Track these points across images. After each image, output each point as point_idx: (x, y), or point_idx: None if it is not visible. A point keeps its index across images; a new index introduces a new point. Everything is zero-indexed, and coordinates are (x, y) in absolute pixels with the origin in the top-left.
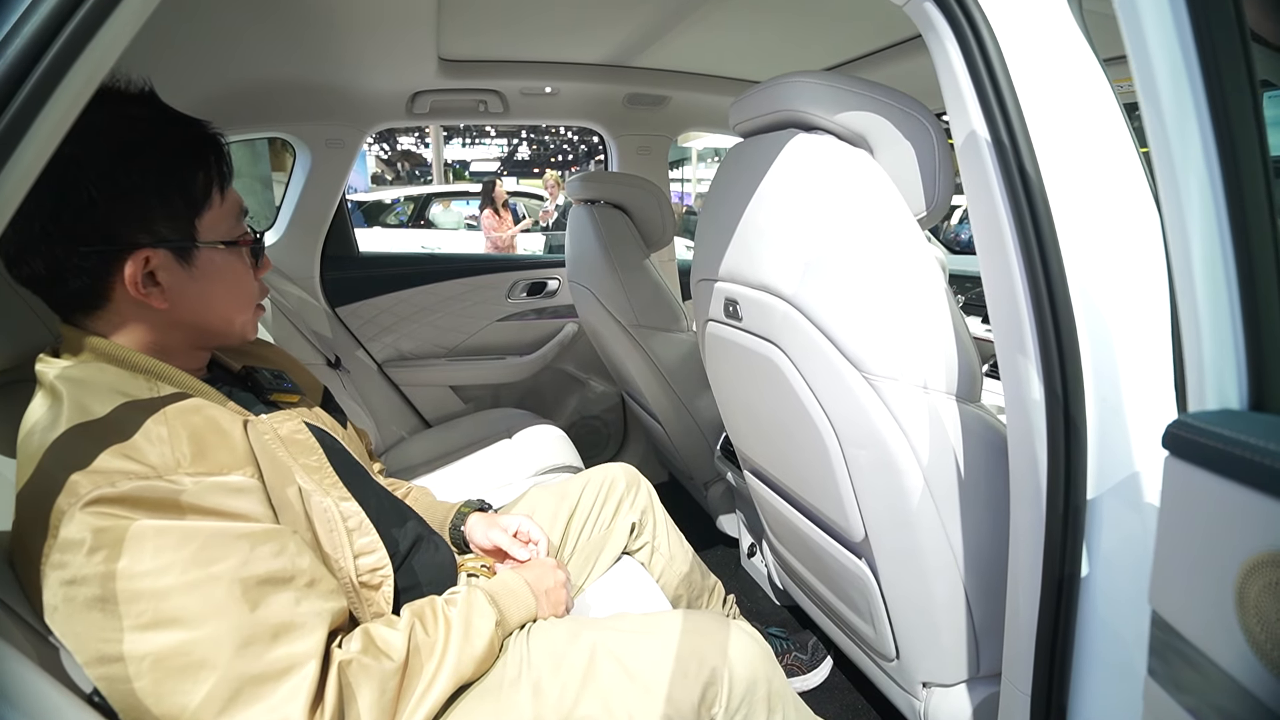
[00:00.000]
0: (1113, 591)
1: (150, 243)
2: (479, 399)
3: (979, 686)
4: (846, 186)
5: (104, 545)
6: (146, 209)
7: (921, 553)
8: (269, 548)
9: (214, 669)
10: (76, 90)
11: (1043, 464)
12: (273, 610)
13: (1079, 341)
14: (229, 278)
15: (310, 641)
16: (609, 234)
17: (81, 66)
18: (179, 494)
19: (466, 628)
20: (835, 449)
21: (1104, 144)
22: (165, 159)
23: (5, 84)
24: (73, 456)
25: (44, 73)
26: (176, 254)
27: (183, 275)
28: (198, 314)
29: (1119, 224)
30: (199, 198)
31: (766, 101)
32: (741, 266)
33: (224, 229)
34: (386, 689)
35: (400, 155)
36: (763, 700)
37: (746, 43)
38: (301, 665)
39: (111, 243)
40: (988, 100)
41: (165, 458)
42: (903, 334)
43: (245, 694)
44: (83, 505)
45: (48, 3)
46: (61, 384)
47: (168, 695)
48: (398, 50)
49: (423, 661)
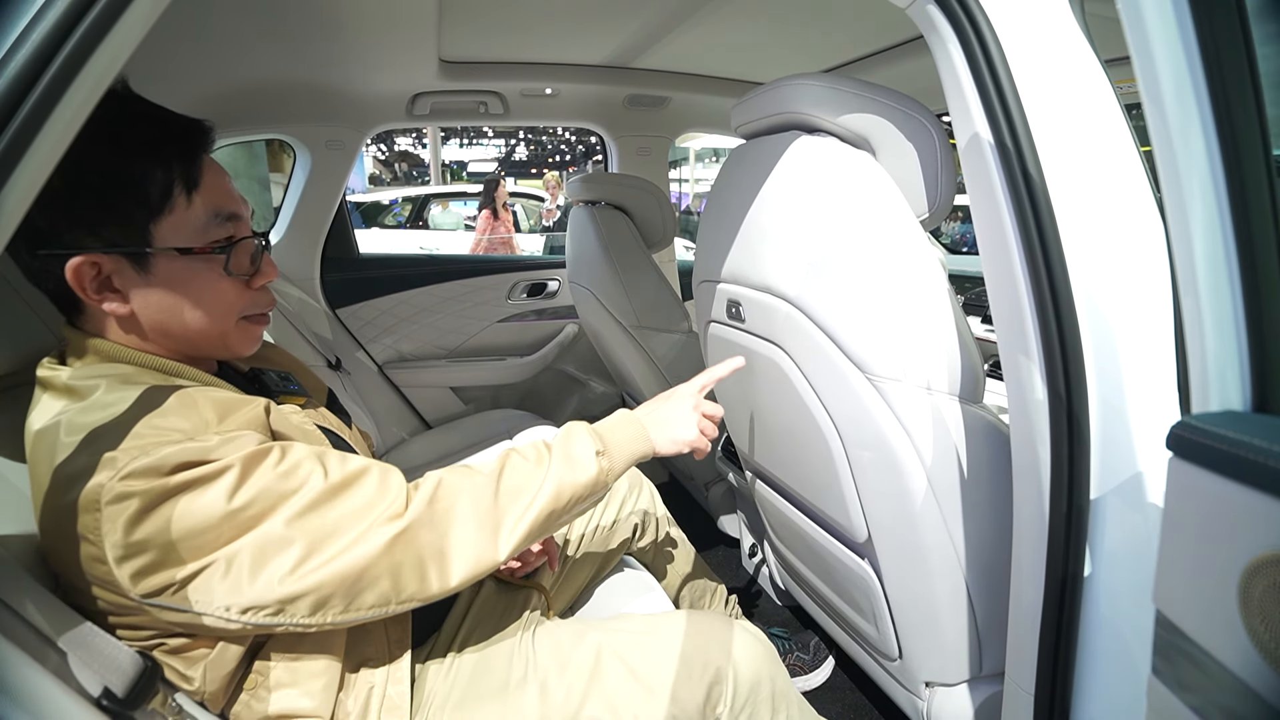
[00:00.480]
0: (1116, 591)
1: (98, 247)
2: (479, 400)
3: (982, 686)
4: (849, 188)
5: (151, 505)
6: (94, 211)
7: (925, 553)
8: (295, 445)
9: (296, 535)
10: (87, 91)
11: (1045, 464)
12: (329, 465)
13: (1082, 342)
14: (195, 287)
15: (376, 470)
16: (610, 235)
17: (92, 68)
18: (210, 448)
19: (566, 453)
20: (839, 450)
21: (1106, 145)
22: (117, 158)
23: (17, 86)
24: (103, 440)
25: (55, 74)
26: (131, 259)
27: (139, 281)
28: (162, 323)
29: (1121, 225)
30: (155, 200)
31: (769, 104)
32: (744, 268)
33: (187, 234)
34: (480, 496)
35: (397, 156)
36: (766, 700)
37: (747, 44)
38: (383, 489)
39: (62, 246)
40: (990, 101)
41: (194, 422)
42: (906, 335)
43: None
44: (121, 477)
45: (59, 4)
46: (77, 383)
47: (266, 565)
48: (399, 52)
49: (522, 476)
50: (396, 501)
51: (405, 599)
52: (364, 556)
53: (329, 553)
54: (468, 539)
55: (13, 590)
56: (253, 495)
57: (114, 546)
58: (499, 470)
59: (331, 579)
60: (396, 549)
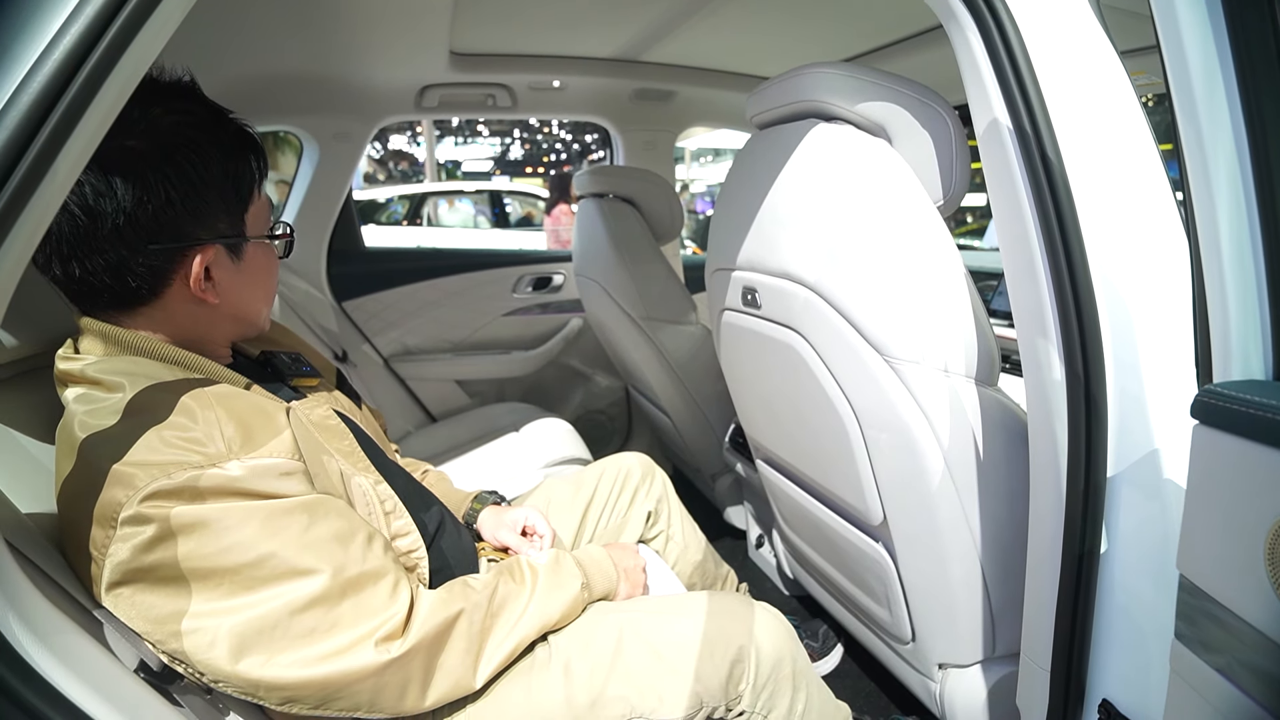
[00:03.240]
0: (1131, 567)
1: (211, 239)
2: (483, 394)
3: (995, 667)
4: (868, 174)
5: (167, 535)
6: (211, 205)
7: (940, 534)
8: (327, 510)
9: (290, 625)
10: (121, 84)
11: (1063, 443)
12: (349, 557)
13: (1100, 323)
14: (266, 271)
15: (390, 578)
16: (619, 227)
17: (126, 62)
18: (233, 480)
19: (554, 577)
20: (856, 433)
21: (1122, 131)
22: (224, 154)
23: (56, 80)
24: (122, 449)
25: (92, 68)
26: (229, 249)
27: (232, 270)
28: (239, 307)
29: (1136, 208)
30: (246, 193)
31: (786, 92)
32: (761, 255)
33: (263, 223)
34: (474, 618)
35: (392, 155)
36: (788, 678)
37: (757, 37)
38: (391, 603)
39: (179, 240)
40: (1009, 87)
41: (216, 444)
42: (925, 318)
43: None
44: (141, 499)
45: (94, 2)
46: (98, 375)
47: (253, 649)
48: (411, 42)
49: (510, 600)
50: (395, 618)
51: (375, 711)
52: (353, 671)
53: (319, 652)
54: (454, 663)
55: (49, 565)
56: (267, 554)
57: (114, 568)
58: (492, 590)
59: (313, 681)
60: (388, 671)
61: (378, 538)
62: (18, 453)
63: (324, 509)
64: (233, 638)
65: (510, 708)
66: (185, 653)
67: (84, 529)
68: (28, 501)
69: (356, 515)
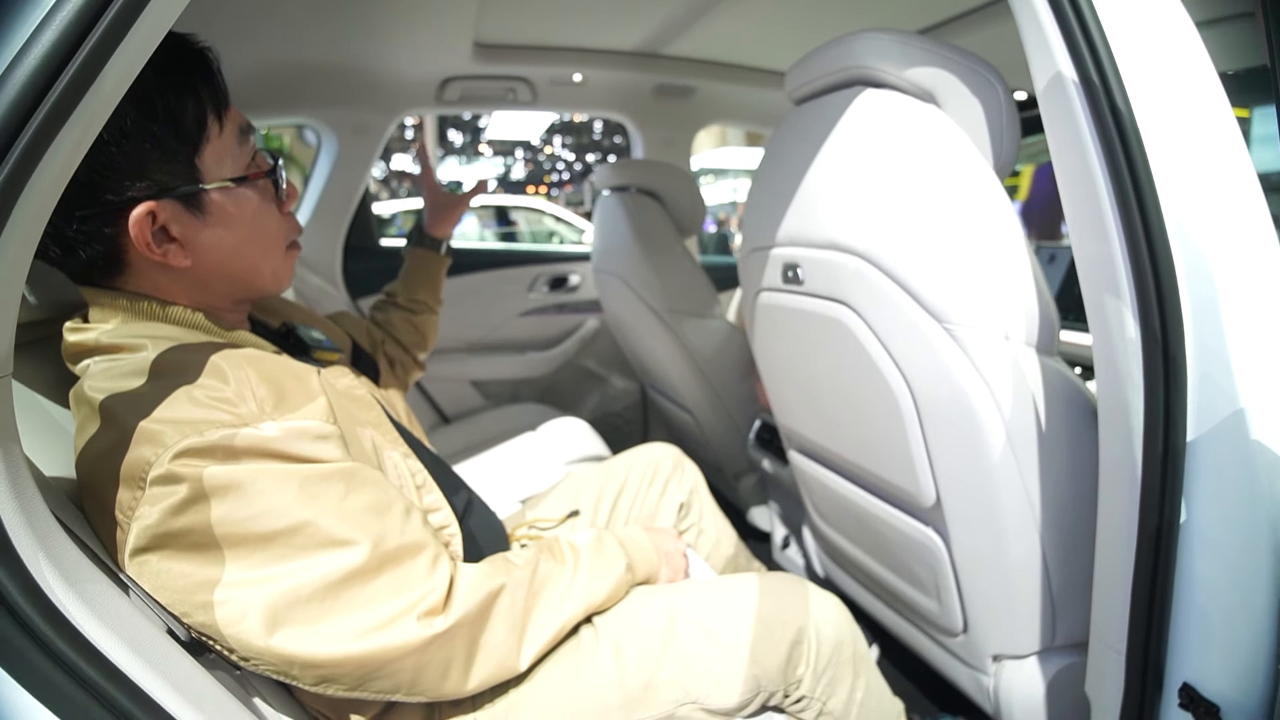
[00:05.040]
0: (1214, 538)
1: (151, 194)
2: (498, 395)
3: (1054, 658)
4: (922, 136)
5: (199, 496)
6: (138, 156)
7: (999, 512)
8: (363, 479)
9: (326, 598)
10: (139, 44)
11: (1137, 407)
12: (387, 528)
13: (1177, 276)
14: (248, 218)
15: (429, 551)
16: (641, 219)
17: (143, 24)
18: (268, 441)
19: (597, 557)
20: (909, 406)
21: (1192, 83)
22: (145, 93)
23: (67, 40)
24: (149, 407)
25: (104, 31)
26: (183, 201)
27: (196, 224)
28: (223, 266)
29: (1209, 156)
30: (193, 131)
31: (832, 59)
32: (804, 228)
33: (229, 163)
34: (516, 595)
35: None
36: (849, 661)
37: (779, 30)
38: (430, 577)
39: (102, 203)
40: (1074, 36)
41: (248, 404)
42: (985, 282)
43: (371, 599)
44: (172, 456)
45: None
46: (114, 340)
47: (288, 623)
48: (436, 31)
49: (552, 579)
50: (435, 593)
51: (416, 693)
52: (395, 647)
53: (359, 626)
54: (498, 641)
55: (77, 526)
56: (303, 521)
57: (140, 533)
58: (534, 567)
59: (352, 658)
60: (432, 648)
61: (415, 510)
62: (43, 418)
63: (360, 478)
64: (267, 610)
65: (557, 693)
66: (215, 625)
67: (108, 492)
68: (52, 467)
69: (392, 486)
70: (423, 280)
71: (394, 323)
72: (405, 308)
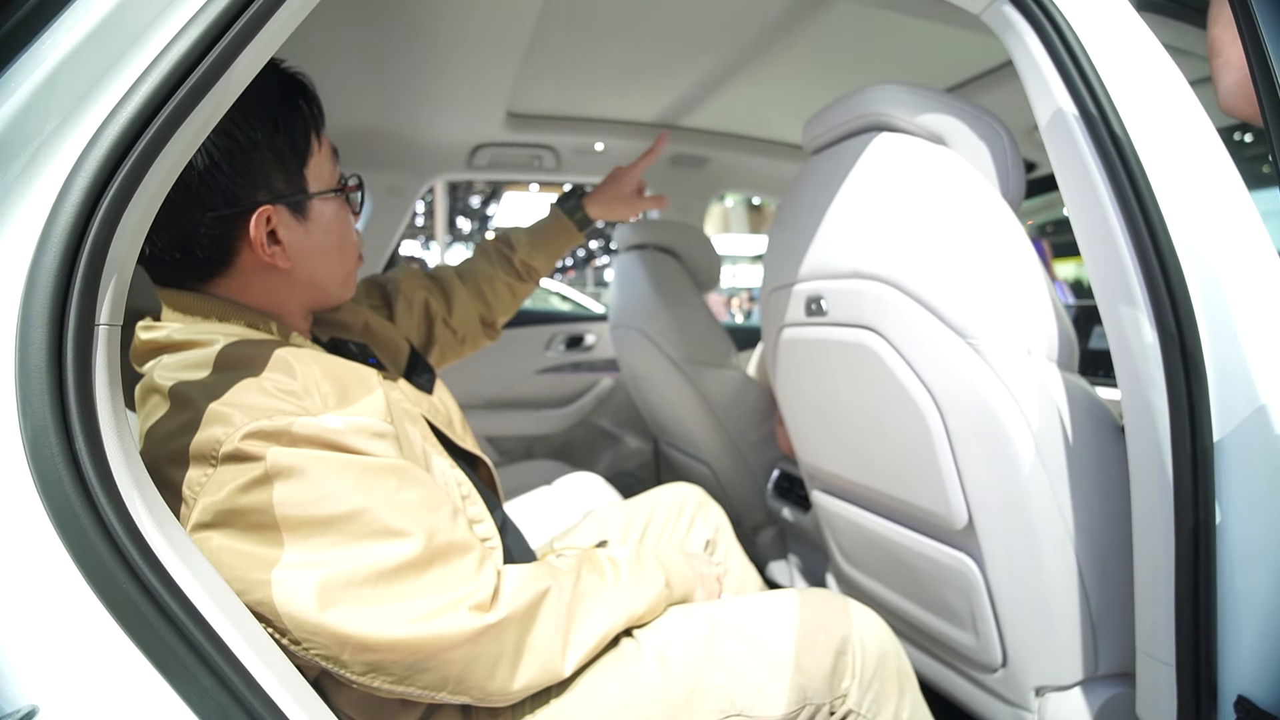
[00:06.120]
0: (1253, 539)
1: (269, 199)
2: (513, 451)
3: (1099, 688)
4: (936, 170)
5: (264, 477)
6: (263, 164)
7: (1033, 529)
8: (415, 477)
9: (379, 584)
10: (245, 68)
11: (1162, 410)
12: (438, 524)
13: (1186, 276)
14: (337, 228)
15: (476, 552)
16: (660, 272)
17: (250, 51)
18: (330, 432)
19: (637, 571)
20: (937, 425)
21: (1178, 108)
22: (271, 108)
23: (187, 60)
24: (220, 392)
25: (218, 55)
26: (291, 208)
27: (299, 230)
28: (314, 271)
29: (1201, 170)
30: (302, 145)
31: (848, 110)
32: (827, 261)
33: (326, 176)
34: (562, 598)
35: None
36: (894, 675)
37: (793, 102)
38: (477, 575)
39: (235, 204)
40: (1070, 76)
41: (313, 398)
42: (1005, 299)
43: (420, 593)
44: (241, 437)
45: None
46: (185, 338)
47: (343, 601)
48: (474, 101)
49: (593, 589)
50: (484, 589)
51: (461, 691)
52: (448, 634)
53: (412, 612)
54: (544, 642)
55: None
56: (360, 508)
57: (205, 509)
58: (577, 574)
59: (405, 643)
60: (483, 639)
61: (461, 514)
62: None
63: (412, 476)
64: (321, 588)
65: (600, 701)
66: (271, 602)
67: (176, 471)
68: None
69: (440, 488)
70: (550, 244)
71: (486, 285)
72: (515, 270)
